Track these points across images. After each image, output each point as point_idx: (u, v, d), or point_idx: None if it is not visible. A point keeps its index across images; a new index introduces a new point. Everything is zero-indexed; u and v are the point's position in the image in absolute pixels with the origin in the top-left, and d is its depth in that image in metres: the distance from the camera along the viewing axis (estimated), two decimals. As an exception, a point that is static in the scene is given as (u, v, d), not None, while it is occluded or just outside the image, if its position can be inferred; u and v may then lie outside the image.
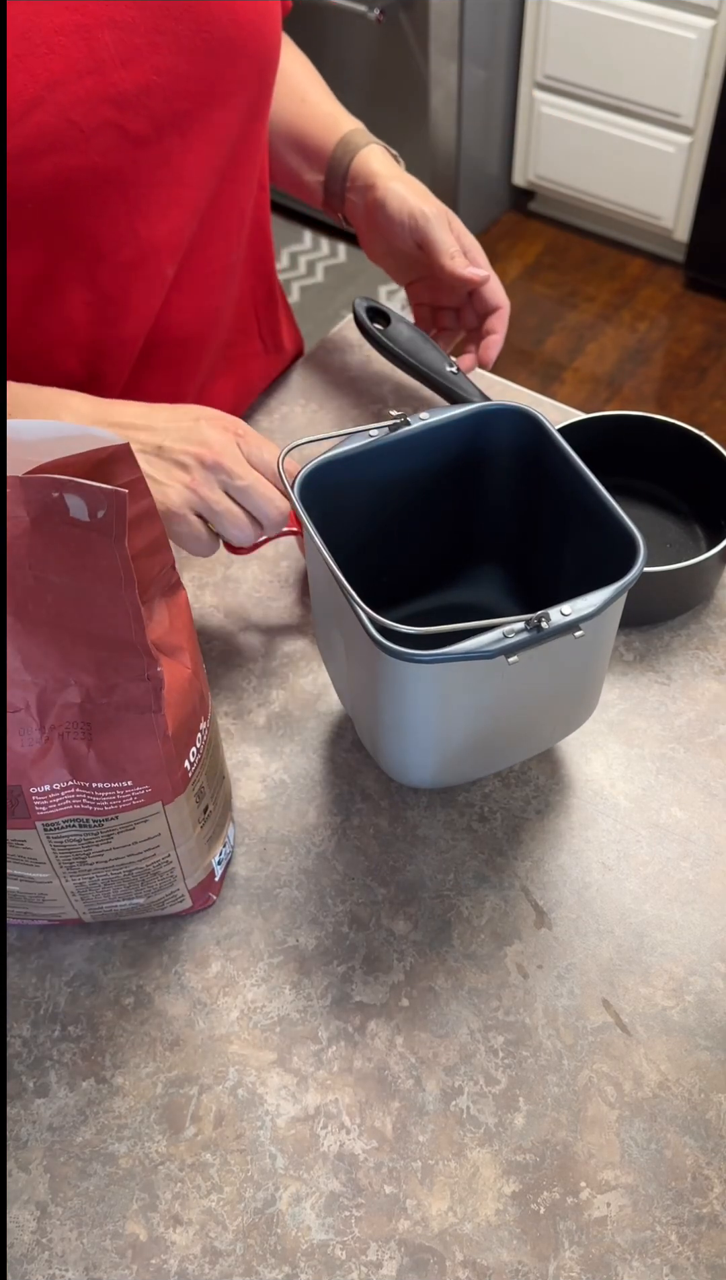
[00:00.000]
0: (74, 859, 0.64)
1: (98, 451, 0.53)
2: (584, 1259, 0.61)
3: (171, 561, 0.61)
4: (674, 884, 0.75)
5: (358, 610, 0.61)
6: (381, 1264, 0.62)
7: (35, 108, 0.69)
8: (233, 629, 0.88)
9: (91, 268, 0.78)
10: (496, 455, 0.75)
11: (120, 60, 0.72)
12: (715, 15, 2.19)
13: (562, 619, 0.62)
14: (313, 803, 0.79)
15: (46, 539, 0.52)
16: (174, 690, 0.60)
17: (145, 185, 0.77)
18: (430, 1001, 0.70)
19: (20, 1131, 0.66)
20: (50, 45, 0.69)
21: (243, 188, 0.86)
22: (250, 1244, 0.62)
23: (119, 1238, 0.63)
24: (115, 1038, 0.69)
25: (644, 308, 2.59)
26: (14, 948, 0.73)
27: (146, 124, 0.75)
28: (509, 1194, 0.64)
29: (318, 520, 0.67)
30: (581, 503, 0.69)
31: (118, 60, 0.72)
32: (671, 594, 0.86)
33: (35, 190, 0.71)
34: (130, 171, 0.76)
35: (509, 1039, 0.69)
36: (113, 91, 0.72)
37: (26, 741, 0.58)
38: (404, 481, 0.75)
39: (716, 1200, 0.63)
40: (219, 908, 0.74)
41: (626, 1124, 0.66)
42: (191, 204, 0.81)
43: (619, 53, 2.33)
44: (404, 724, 0.68)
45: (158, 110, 0.75)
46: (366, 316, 0.93)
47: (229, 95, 0.79)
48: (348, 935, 0.73)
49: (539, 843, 0.77)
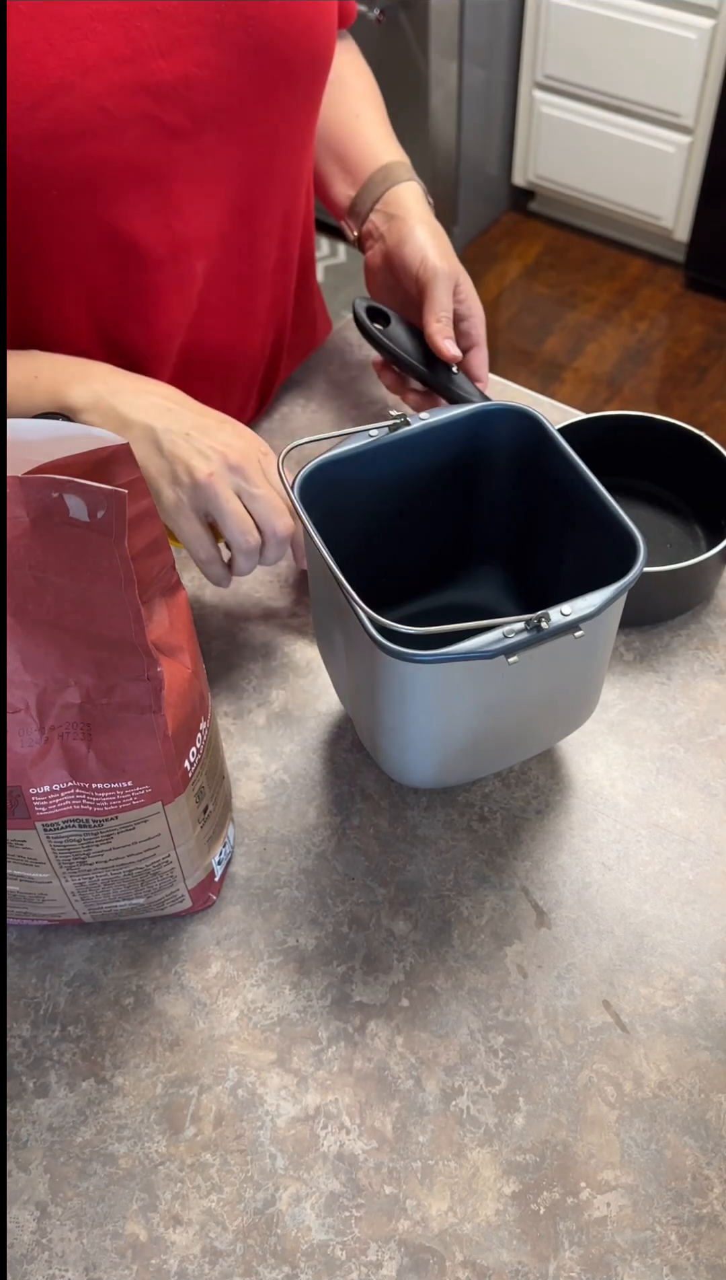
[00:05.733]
0: (74, 859, 0.64)
1: (98, 452, 0.53)
2: (584, 1259, 0.61)
3: (171, 561, 0.61)
4: (674, 884, 0.75)
5: (357, 610, 0.61)
6: (381, 1264, 0.62)
7: (62, 92, 0.68)
8: (232, 629, 0.88)
9: (122, 260, 0.77)
10: (496, 455, 0.75)
11: (160, 50, 0.71)
12: (715, 15, 2.19)
13: (562, 619, 0.62)
14: (313, 803, 0.79)
15: (46, 539, 0.52)
16: (174, 690, 0.60)
17: (179, 179, 0.76)
18: (430, 1001, 0.70)
19: (20, 1131, 0.66)
20: (84, 30, 0.68)
21: (285, 188, 0.85)
22: (250, 1244, 0.62)
23: (119, 1238, 0.63)
24: (115, 1038, 0.69)
25: (644, 308, 2.59)
26: (14, 948, 0.73)
27: (184, 117, 0.74)
28: (509, 1194, 0.64)
29: (318, 520, 0.67)
30: (581, 503, 0.69)
31: (157, 50, 0.71)
32: (671, 594, 0.86)
33: (60, 177, 0.70)
34: (165, 165, 0.75)
35: (509, 1039, 0.69)
36: (150, 81, 0.71)
37: (26, 742, 0.58)
38: (404, 481, 0.75)
39: (716, 1200, 0.63)
40: (219, 908, 0.74)
41: (626, 1124, 0.66)
42: (226, 201, 0.80)
43: (619, 53, 2.33)
44: (404, 724, 0.68)
45: (197, 104, 0.74)
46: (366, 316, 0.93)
47: (274, 93, 0.78)
48: (347, 935, 0.73)
49: (539, 843, 0.77)
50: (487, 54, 2.46)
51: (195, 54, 0.72)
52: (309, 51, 0.79)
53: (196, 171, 0.77)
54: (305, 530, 0.66)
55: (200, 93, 0.73)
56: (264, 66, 0.76)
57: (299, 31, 0.77)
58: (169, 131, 0.73)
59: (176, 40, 0.71)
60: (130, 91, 0.70)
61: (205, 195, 0.78)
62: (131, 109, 0.71)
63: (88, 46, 0.68)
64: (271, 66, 0.76)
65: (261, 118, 0.78)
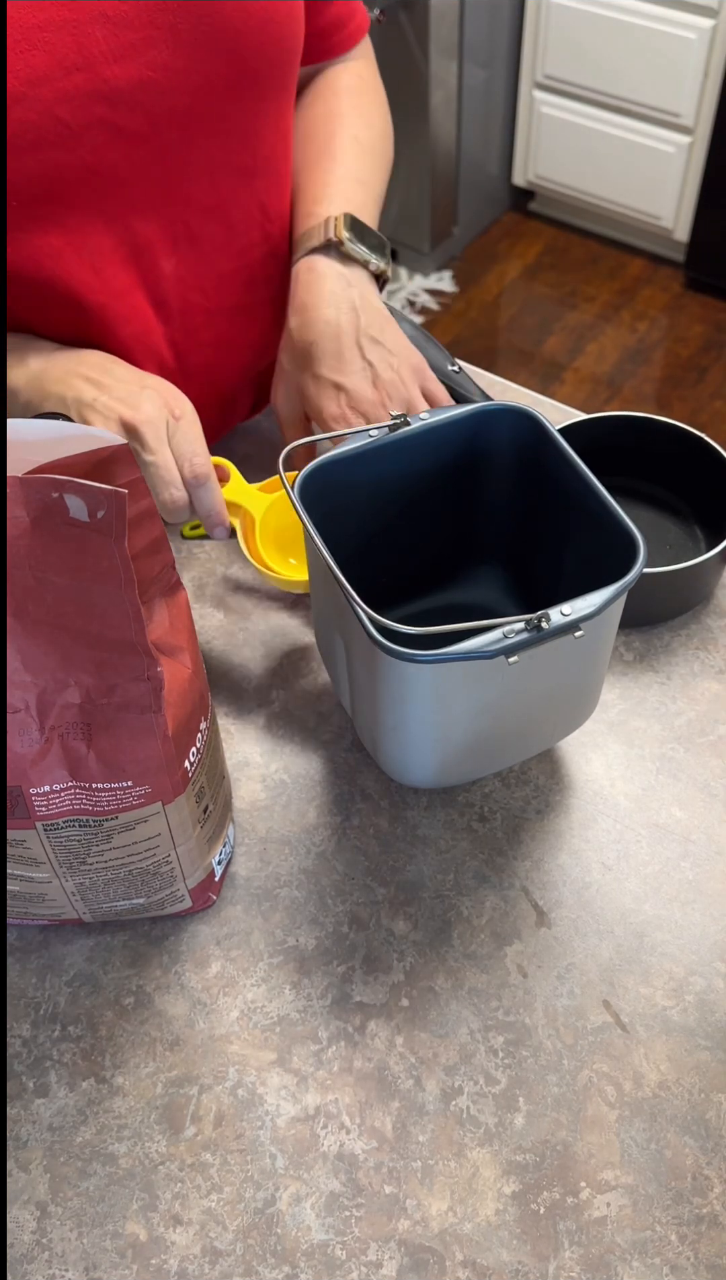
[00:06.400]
0: (74, 859, 0.64)
1: (98, 451, 0.53)
2: (584, 1259, 0.61)
3: (171, 561, 0.61)
4: (674, 884, 0.75)
5: (357, 610, 0.61)
6: (381, 1264, 0.62)
7: (15, 103, 0.68)
8: (233, 629, 0.88)
9: (89, 259, 0.77)
10: (496, 455, 0.75)
11: (112, 56, 0.71)
12: (715, 15, 2.19)
13: (562, 619, 0.62)
14: (312, 803, 0.79)
15: (46, 539, 0.52)
16: (174, 690, 0.60)
17: (140, 181, 0.76)
18: (430, 1001, 0.70)
19: (20, 1131, 0.66)
20: (33, 41, 0.68)
21: (261, 181, 0.84)
22: (250, 1244, 0.62)
23: (119, 1238, 0.63)
24: (115, 1038, 0.69)
25: (644, 308, 2.59)
26: (14, 948, 0.73)
27: (142, 120, 0.74)
28: (509, 1194, 0.64)
29: (318, 520, 0.67)
30: (581, 503, 0.69)
31: (110, 56, 0.71)
32: (671, 594, 0.86)
33: (20, 187, 0.71)
34: (124, 168, 0.75)
35: (509, 1039, 0.69)
36: (105, 88, 0.71)
37: (26, 742, 0.58)
38: (404, 481, 0.75)
39: (716, 1200, 0.63)
40: (219, 908, 0.74)
41: (626, 1124, 0.66)
42: (193, 199, 0.80)
43: (619, 53, 2.33)
44: (404, 724, 0.68)
45: (154, 106, 0.74)
46: None
47: (236, 89, 0.77)
48: (348, 935, 0.73)
49: (539, 843, 0.77)
50: (487, 54, 2.46)
51: (149, 57, 0.72)
52: (269, 45, 0.78)
53: (158, 172, 0.77)
54: (305, 530, 0.66)
55: (157, 95, 0.73)
56: (222, 64, 0.75)
57: (256, 28, 0.76)
58: (125, 136, 0.73)
59: (129, 45, 0.71)
60: (84, 99, 0.70)
61: (168, 195, 0.78)
62: (87, 116, 0.71)
63: (38, 57, 0.68)
64: (230, 64, 0.76)
65: (224, 114, 0.78)
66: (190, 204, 0.81)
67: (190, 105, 0.75)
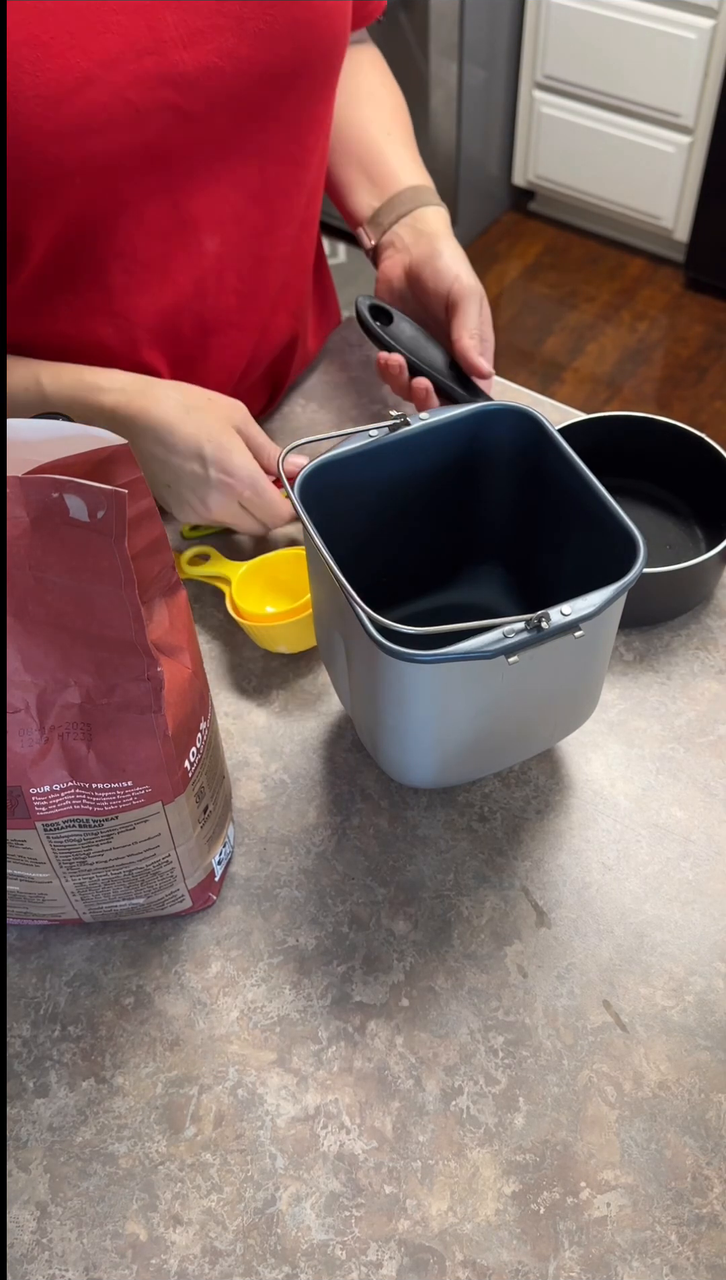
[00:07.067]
0: (74, 859, 0.64)
1: (98, 451, 0.53)
2: (584, 1259, 0.61)
3: (171, 561, 0.61)
4: (674, 884, 0.75)
5: (357, 610, 0.61)
6: (381, 1264, 0.62)
7: (87, 85, 0.69)
8: (233, 629, 0.88)
9: (130, 232, 0.78)
10: (496, 455, 0.75)
11: (182, 41, 0.72)
12: (715, 15, 2.19)
13: (562, 619, 0.62)
14: (312, 803, 0.79)
15: (46, 539, 0.52)
16: (174, 690, 0.60)
17: (191, 160, 0.77)
18: (430, 1001, 0.70)
19: (20, 1131, 0.66)
20: (107, 24, 0.69)
21: (298, 170, 0.86)
22: (250, 1244, 0.62)
23: (119, 1238, 0.63)
24: (115, 1038, 0.69)
25: (644, 308, 2.59)
26: (14, 948, 0.73)
27: (203, 104, 0.75)
28: (509, 1194, 0.64)
29: (318, 520, 0.67)
30: (581, 503, 0.69)
31: (180, 41, 0.72)
32: (671, 594, 0.86)
33: (83, 164, 0.71)
34: (179, 148, 0.76)
35: (509, 1039, 0.69)
36: (173, 73, 0.72)
37: (26, 742, 0.58)
38: (404, 481, 0.75)
39: (716, 1200, 0.63)
40: (219, 908, 0.74)
41: (626, 1124, 0.66)
42: (235, 180, 0.81)
43: (619, 53, 2.33)
44: (404, 724, 0.68)
45: (217, 92, 0.75)
46: (369, 315, 0.93)
47: (289, 79, 0.79)
48: (348, 935, 0.73)
49: (539, 843, 0.77)
50: (487, 54, 2.46)
51: (216, 44, 0.73)
52: (325, 39, 0.80)
53: (209, 153, 0.78)
54: (305, 530, 0.66)
55: (220, 81, 0.75)
56: (283, 55, 0.77)
57: (316, 20, 0.78)
58: (189, 119, 0.75)
59: (198, 31, 0.73)
60: (154, 83, 0.72)
61: (217, 176, 0.80)
62: (155, 100, 0.72)
63: (111, 40, 0.69)
64: (290, 55, 0.78)
65: (279, 103, 0.79)
66: (237, 187, 0.82)
67: (249, 92, 0.77)
